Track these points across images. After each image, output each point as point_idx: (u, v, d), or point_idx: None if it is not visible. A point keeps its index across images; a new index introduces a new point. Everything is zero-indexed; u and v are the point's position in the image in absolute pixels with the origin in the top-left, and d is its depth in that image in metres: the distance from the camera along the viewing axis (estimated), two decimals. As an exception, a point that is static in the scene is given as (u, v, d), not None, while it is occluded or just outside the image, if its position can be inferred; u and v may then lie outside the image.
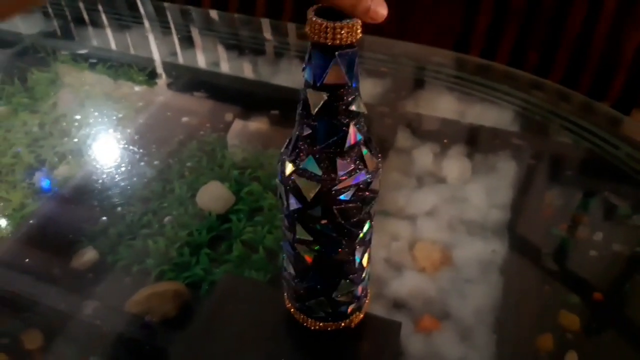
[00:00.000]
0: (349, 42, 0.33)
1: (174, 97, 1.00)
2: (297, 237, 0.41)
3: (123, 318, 0.61)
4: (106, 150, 0.87)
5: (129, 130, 0.89)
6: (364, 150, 0.38)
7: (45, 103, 0.96)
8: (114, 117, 0.93)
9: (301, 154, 0.38)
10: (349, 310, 0.48)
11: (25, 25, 1.23)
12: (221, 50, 1.14)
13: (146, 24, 1.22)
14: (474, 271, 0.65)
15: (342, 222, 0.39)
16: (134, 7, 1.27)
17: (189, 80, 1.04)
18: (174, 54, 1.12)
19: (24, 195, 0.78)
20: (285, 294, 0.51)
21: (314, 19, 0.33)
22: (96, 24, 1.24)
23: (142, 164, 0.83)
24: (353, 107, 0.36)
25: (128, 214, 0.74)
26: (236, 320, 0.53)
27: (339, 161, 0.37)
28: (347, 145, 0.37)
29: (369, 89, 0.96)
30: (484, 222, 0.71)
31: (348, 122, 0.36)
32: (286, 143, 0.41)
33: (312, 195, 0.38)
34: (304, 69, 0.36)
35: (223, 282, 0.60)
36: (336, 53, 0.33)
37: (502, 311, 0.61)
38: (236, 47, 1.13)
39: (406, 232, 0.70)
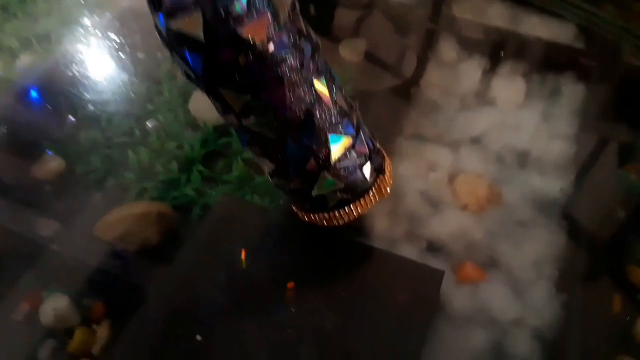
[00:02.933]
0: None
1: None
2: None
3: (90, 243, 0.53)
4: (79, 37, 0.76)
5: (108, 14, 0.78)
6: None
7: (9, -20, 0.83)
8: (92, -1, 0.83)
9: None
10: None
11: None
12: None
13: None
14: (529, 212, 0.55)
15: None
16: None
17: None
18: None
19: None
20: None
21: None
22: None
23: (124, 57, 0.73)
24: None
25: (103, 116, 0.65)
26: (236, 251, 0.47)
27: None
28: None
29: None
30: (540, 154, 0.61)
31: None
32: None
33: None
34: None
35: (221, 206, 0.54)
36: None
37: (562, 262, 0.52)
38: None
39: (446, 162, 0.60)
